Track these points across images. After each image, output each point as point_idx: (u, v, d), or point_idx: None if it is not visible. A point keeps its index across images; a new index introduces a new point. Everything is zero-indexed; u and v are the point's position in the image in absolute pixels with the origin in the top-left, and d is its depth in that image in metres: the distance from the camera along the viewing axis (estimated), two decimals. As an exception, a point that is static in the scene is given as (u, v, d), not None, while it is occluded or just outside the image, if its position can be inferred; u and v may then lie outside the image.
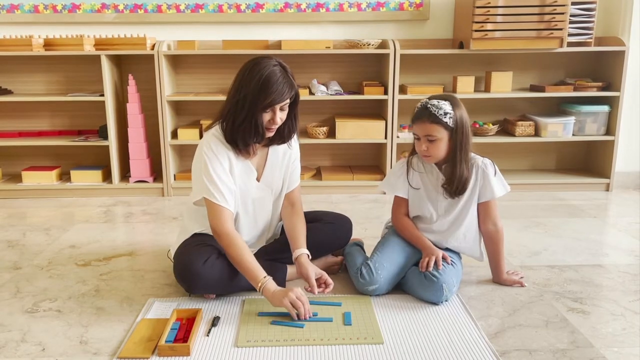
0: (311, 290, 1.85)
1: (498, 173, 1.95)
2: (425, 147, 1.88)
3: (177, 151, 3.46)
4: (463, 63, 3.48)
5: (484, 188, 1.94)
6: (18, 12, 3.36)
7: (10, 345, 1.66)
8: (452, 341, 1.66)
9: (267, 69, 1.77)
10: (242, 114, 1.79)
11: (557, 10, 3.08)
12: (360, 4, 3.40)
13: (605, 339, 1.68)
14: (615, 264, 2.27)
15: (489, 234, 1.99)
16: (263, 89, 1.76)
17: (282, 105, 1.81)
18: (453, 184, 1.91)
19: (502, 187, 1.95)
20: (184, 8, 3.37)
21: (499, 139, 3.39)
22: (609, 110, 3.34)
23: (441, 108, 1.84)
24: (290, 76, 1.82)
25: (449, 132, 1.86)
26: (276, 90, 1.76)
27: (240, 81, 1.81)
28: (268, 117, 1.81)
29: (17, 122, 3.52)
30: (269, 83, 1.75)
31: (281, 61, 1.84)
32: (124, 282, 2.12)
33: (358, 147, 3.60)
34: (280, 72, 1.79)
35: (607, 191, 3.42)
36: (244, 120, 1.80)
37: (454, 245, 2.02)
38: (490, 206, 1.97)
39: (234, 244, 1.80)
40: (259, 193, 1.99)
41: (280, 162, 2.02)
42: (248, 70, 1.80)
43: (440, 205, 1.98)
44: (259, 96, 1.76)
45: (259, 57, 1.83)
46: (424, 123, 1.86)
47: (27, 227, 2.79)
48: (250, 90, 1.77)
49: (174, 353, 1.58)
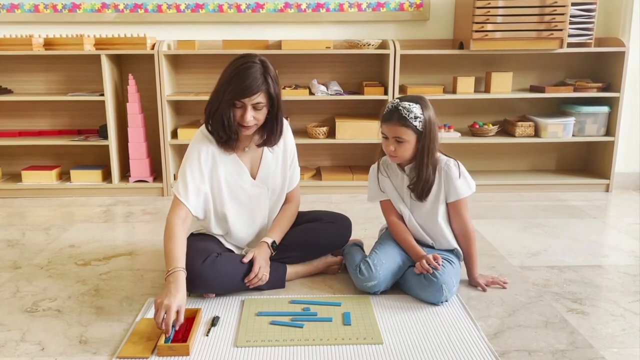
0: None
1: (463, 174, 1.94)
2: (392, 148, 1.89)
3: (177, 151, 3.46)
4: (463, 63, 3.48)
5: (449, 189, 1.94)
6: (18, 11, 3.36)
7: (9, 345, 1.66)
8: (451, 341, 1.66)
9: (244, 65, 1.79)
10: (214, 105, 1.83)
11: (557, 11, 3.08)
12: (361, 4, 3.40)
13: (605, 340, 1.68)
14: (615, 265, 2.27)
15: (459, 234, 2.00)
16: (232, 82, 1.78)
17: (252, 102, 1.80)
18: (419, 186, 1.92)
19: (467, 187, 1.95)
20: (184, 8, 3.37)
21: (499, 139, 3.39)
22: (609, 111, 3.34)
23: (412, 111, 1.84)
24: (270, 75, 1.81)
25: (417, 135, 1.87)
26: (243, 84, 1.77)
27: (221, 75, 1.85)
28: (239, 114, 1.82)
29: (17, 121, 3.52)
30: (240, 77, 1.77)
31: (265, 60, 1.84)
32: (123, 281, 2.12)
33: (358, 147, 3.59)
34: (259, 68, 1.79)
35: (607, 192, 3.42)
36: (215, 113, 1.84)
37: (440, 245, 2.02)
38: (458, 206, 1.97)
39: (168, 232, 1.82)
40: (254, 190, 2.00)
41: (275, 158, 2.03)
42: (228, 66, 1.84)
43: (410, 206, 2.01)
44: (227, 88, 1.79)
45: (245, 54, 1.85)
46: (394, 125, 1.87)
47: (27, 227, 2.79)
48: (223, 82, 1.81)
49: (173, 353, 1.58)
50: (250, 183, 1.98)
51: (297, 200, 2.13)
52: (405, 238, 2.00)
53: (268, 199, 2.05)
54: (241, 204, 1.98)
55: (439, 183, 1.94)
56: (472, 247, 2.01)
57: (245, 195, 1.98)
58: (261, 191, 2.02)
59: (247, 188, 1.98)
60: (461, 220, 1.98)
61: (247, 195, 1.98)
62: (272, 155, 2.02)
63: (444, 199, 1.96)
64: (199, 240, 1.95)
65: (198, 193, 1.89)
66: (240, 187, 1.96)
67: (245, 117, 1.81)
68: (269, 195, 2.04)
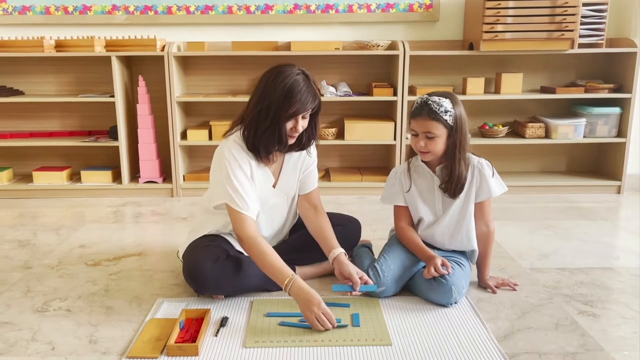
0: (354, 285, 1.84)
1: (496, 174, 1.94)
2: (423, 144, 1.85)
3: (186, 152, 3.47)
4: (473, 64, 3.47)
5: (481, 187, 1.92)
6: (30, 13, 3.39)
7: (20, 344, 1.67)
8: (460, 343, 1.65)
9: (290, 78, 1.76)
10: (266, 122, 1.79)
11: (568, 12, 3.06)
12: (370, 5, 3.40)
13: (616, 343, 1.66)
14: (626, 267, 2.25)
15: (481, 234, 1.98)
16: (287, 98, 1.75)
17: (305, 114, 1.81)
18: (452, 184, 1.89)
19: (500, 186, 1.94)
20: (193, 9, 3.39)
21: (509, 140, 3.38)
22: (621, 112, 3.31)
23: (442, 105, 1.81)
24: (314, 84, 1.82)
25: (448, 130, 1.83)
26: (300, 100, 1.76)
27: (263, 89, 1.80)
28: (290, 126, 1.81)
29: (28, 122, 3.55)
30: (293, 92, 1.75)
31: (304, 69, 1.83)
32: (133, 282, 2.13)
33: (367, 148, 3.59)
34: (303, 80, 1.78)
35: (618, 194, 3.39)
36: (268, 129, 1.79)
37: (458, 246, 2.01)
38: (484, 206, 1.95)
39: (255, 247, 1.78)
40: (274, 199, 2.00)
41: (295, 169, 2.02)
42: (272, 79, 1.78)
43: (437, 208, 1.97)
44: (283, 105, 1.76)
45: (282, 65, 1.81)
46: (424, 119, 1.83)
47: (38, 227, 2.81)
48: (275, 99, 1.76)
49: (182, 353, 1.58)
50: (271, 192, 1.98)
51: (321, 203, 2.09)
52: (414, 241, 1.98)
53: (287, 206, 2.06)
54: (263, 211, 1.98)
55: (471, 182, 1.92)
56: (490, 248, 2.00)
57: (268, 203, 1.98)
58: (281, 200, 2.02)
59: (269, 197, 1.98)
60: (486, 219, 1.96)
61: (269, 204, 1.99)
62: (293, 165, 2.01)
63: (474, 198, 1.94)
64: (209, 242, 1.95)
65: (252, 198, 1.84)
66: (265, 197, 1.96)
67: (298, 127, 1.82)
68: (288, 202, 2.05)
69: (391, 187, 2.03)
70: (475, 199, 1.94)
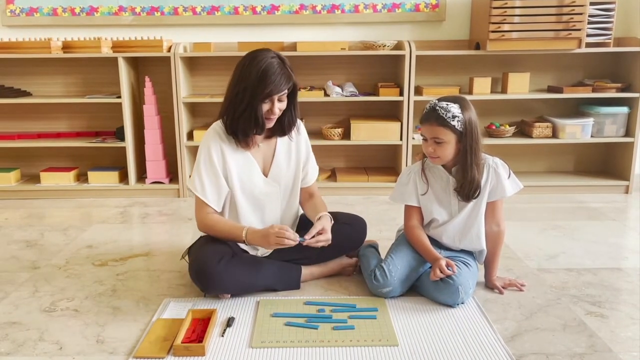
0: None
1: (512, 175, 1.93)
2: (432, 149, 1.86)
3: (192, 152, 3.48)
4: (479, 64, 3.46)
5: (496, 187, 1.91)
6: (37, 15, 3.40)
7: (28, 344, 1.68)
8: (467, 344, 1.64)
9: (265, 61, 1.83)
10: (242, 105, 1.85)
11: (575, 11, 3.04)
12: (376, 5, 3.39)
13: (624, 344, 1.65)
14: (635, 268, 2.23)
15: (491, 233, 1.97)
16: (262, 80, 1.81)
17: (280, 95, 1.86)
18: (465, 188, 1.89)
19: (516, 185, 1.93)
20: (200, 10, 3.39)
21: (516, 140, 3.36)
22: (629, 111, 3.29)
23: (449, 111, 1.81)
24: (288, 68, 1.87)
25: (457, 135, 1.83)
26: (274, 81, 1.82)
27: (239, 74, 1.87)
28: (267, 108, 1.87)
29: (35, 123, 3.56)
30: (267, 74, 1.81)
31: (279, 53, 1.89)
32: (140, 282, 2.13)
33: (373, 148, 3.59)
34: (278, 63, 1.84)
35: (626, 194, 3.37)
36: (244, 111, 1.86)
37: (467, 246, 2.00)
38: (496, 206, 1.95)
39: (211, 225, 1.93)
40: (266, 188, 2.01)
41: (288, 157, 2.04)
42: (248, 63, 1.86)
43: (452, 208, 1.96)
44: (258, 87, 1.82)
45: (256, 50, 1.89)
46: (432, 125, 1.84)
47: (45, 227, 2.82)
48: (250, 82, 1.83)
49: (189, 353, 1.59)
50: (262, 180, 2.00)
51: (319, 193, 2.16)
52: (422, 241, 1.97)
53: (280, 197, 2.06)
54: (253, 201, 2.00)
55: (486, 181, 1.91)
56: (499, 248, 1.99)
57: (257, 191, 1.99)
58: (273, 189, 2.02)
59: (259, 185, 1.99)
60: (497, 219, 1.96)
61: (258, 191, 2.00)
62: (285, 153, 2.03)
63: (487, 198, 1.93)
64: (214, 241, 1.96)
65: (216, 188, 1.94)
66: (251, 183, 1.97)
67: (274, 109, 1.87)
68: (281, 193, 2.05)
69: (403, 187, 2.02)
70: (488, 198, 1.93)
